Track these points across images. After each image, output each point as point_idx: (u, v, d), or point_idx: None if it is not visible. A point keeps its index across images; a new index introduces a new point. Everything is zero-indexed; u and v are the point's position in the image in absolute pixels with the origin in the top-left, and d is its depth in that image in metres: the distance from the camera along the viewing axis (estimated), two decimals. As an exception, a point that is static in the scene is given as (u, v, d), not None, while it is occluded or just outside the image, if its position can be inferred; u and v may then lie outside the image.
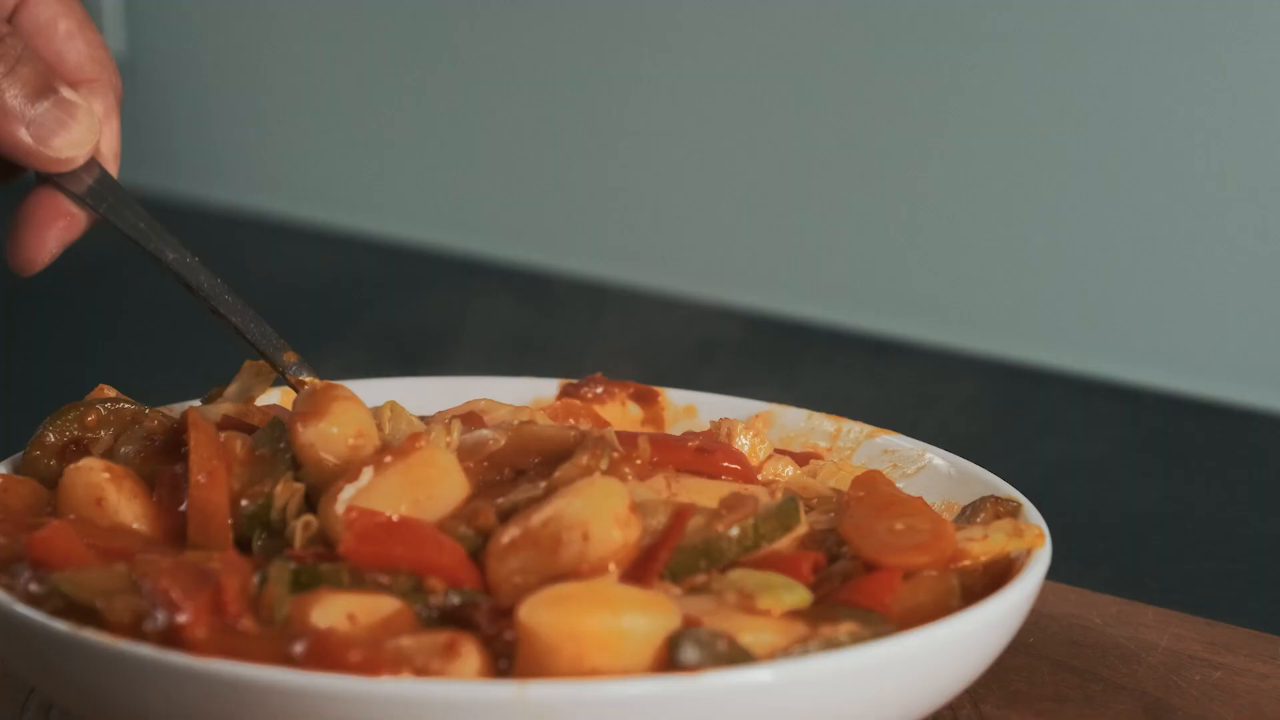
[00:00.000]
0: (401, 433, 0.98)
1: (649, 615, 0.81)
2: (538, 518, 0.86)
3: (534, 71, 1.93)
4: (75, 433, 1.00)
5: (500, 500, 0.90)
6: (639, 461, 0.95)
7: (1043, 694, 0.97)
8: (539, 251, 1.92)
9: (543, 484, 0.91)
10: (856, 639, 0.84)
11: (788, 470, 1.04)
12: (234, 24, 2.15)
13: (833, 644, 0.84)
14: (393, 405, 1.00)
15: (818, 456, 1.08)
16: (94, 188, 1.04)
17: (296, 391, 1.04)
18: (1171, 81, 1.56)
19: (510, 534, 0.86)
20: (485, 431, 0.96)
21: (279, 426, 0.96)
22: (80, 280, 1.88)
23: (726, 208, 1.83)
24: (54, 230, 1.03)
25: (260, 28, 2.13)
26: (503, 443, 0.95)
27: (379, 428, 0.97)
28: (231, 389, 1.05)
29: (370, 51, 2.06)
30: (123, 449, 0.98)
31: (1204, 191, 1.56)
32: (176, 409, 1.07)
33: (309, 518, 0.89)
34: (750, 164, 1.80)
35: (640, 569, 0.86)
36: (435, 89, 2.01)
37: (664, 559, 0.86)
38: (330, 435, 0.92)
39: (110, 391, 1.03)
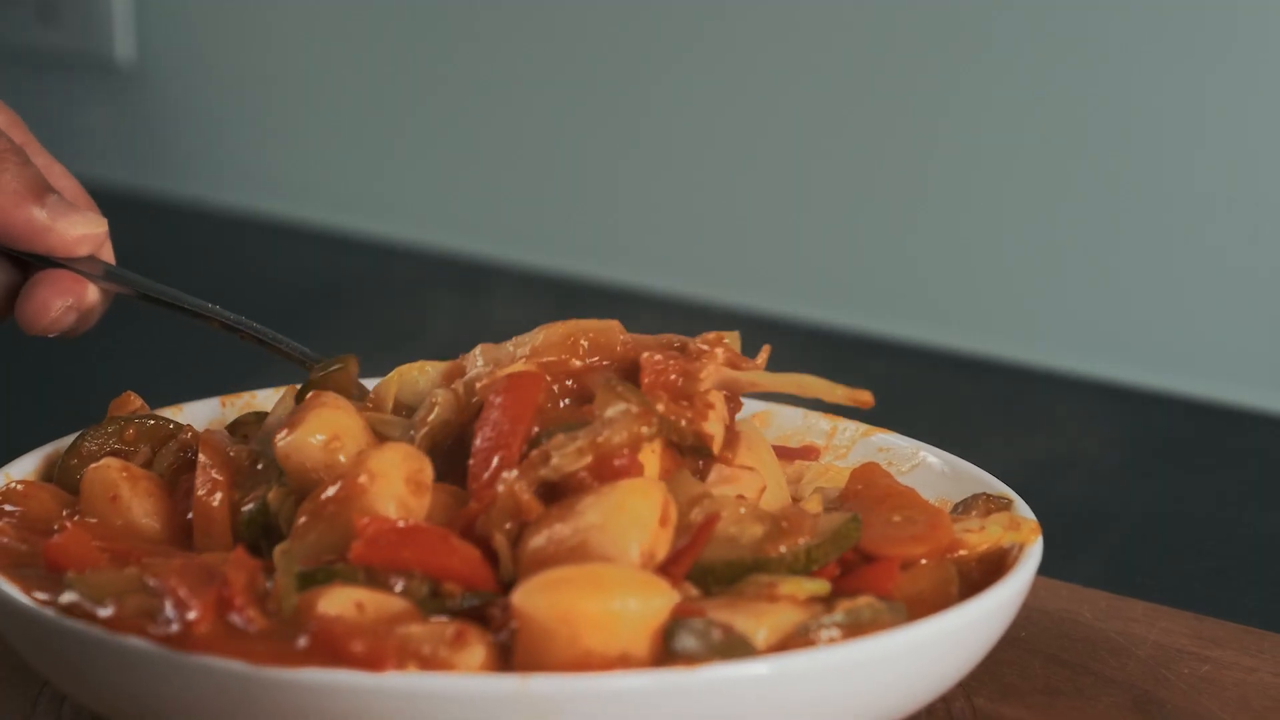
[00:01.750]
0: (420, 392, 0.98)
1: (641, 596, 0.82)
2: (568, 541, 0.86)
3: (533, 76, 1.94)
4: (114, 445, 1.02)
5: (543, 470, 0.89)
6: (675, 377, 0.95)
7: (1034, 687, 0.98)
8: (540, 253, 1.93)
9: (579, 446, 0.90)
10: (875, 611, 0.86)
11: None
12: (240, 31, 2.16)
13: (854, 613, 0.85)
14: (420, 366, 1.00)
15: (816, 452, 1.10)
16: (106, 271, 1.07)
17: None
18: (1165, 88, 1.57)
19: (540, 551, 0.87)
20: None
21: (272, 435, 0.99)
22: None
23: (724, 209, 1.83)
24: (59, 292, 1.05)
25: (265, 35, 2.14)
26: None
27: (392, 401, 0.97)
28: (271, 421, 1.05)
29: (372, 57, 2.06)
30: (159, 461, 1.01)
31: (1198, 195, 1.57)
32: (187, 408, 1.09)
33: (285, 546, 0.89)
34: (749, 166, 1.81)
35: (662, 575, 0.86)
36: (437, 93, 2.02)
37: (686, 566, 0.87)
38: (306, 443, 0.92)
39: (136, 399, 1.05)
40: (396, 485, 0.89)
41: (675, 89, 1.84)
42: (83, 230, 1.06)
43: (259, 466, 0.96)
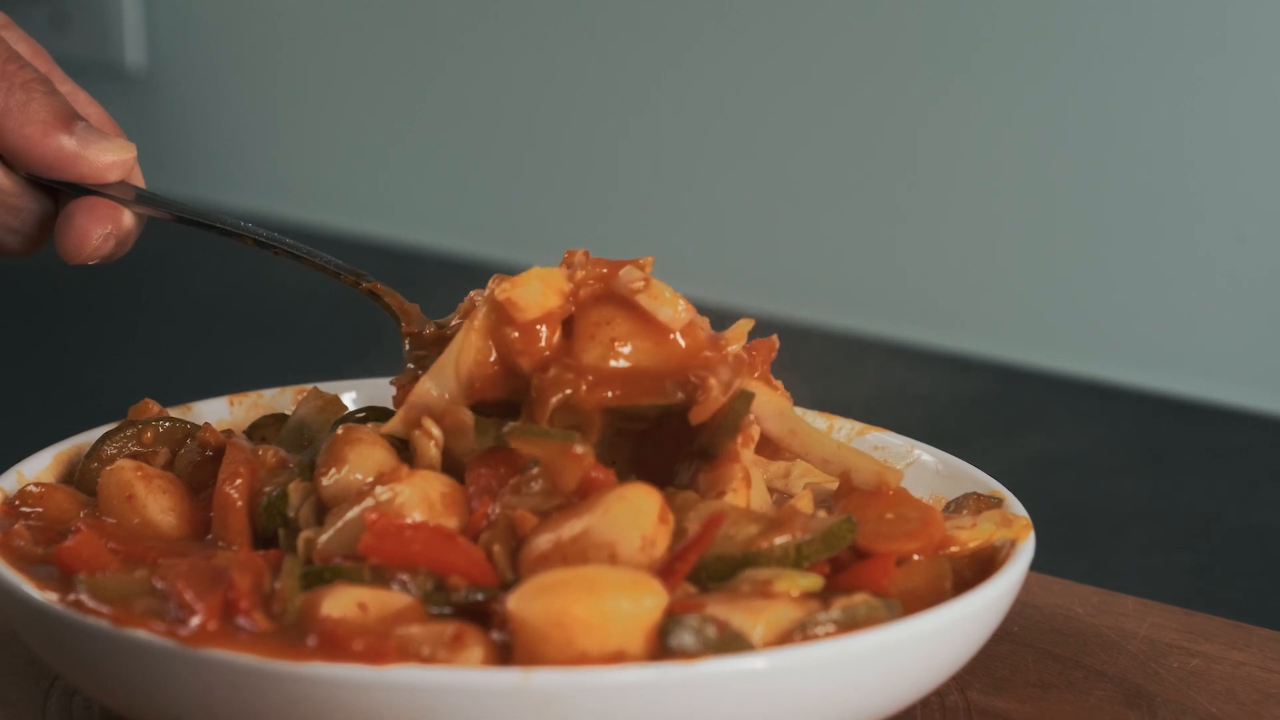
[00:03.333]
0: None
1: (632, 596, 0.83)
2: (568, 532, 0.87)
3: (536, 82, 1.95)
4: (133, 448, 1.03)
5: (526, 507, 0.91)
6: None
7: (1027, 680, 0.99)
8: (544, 255, 1.95)
9: (543, 494, 0.91)
10: (871, 608, 0.86)
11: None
12: (249, 38, 2.17)
13: (850, 610, 0.86)
14: (375, 439, 0.98)
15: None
16: (138, 195, 1.06)
17: (377, 301, 1.07)
18: (1153, 90, 1.57)
19: (541, 547, 0.87)
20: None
21: (302, 432, 1.00)
22: (98, 284, 1.90)
23: (719, 211, 1.84)
24: (97, 220, 1.04)
25: (274, 42, 2.15)
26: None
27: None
28: (292, 423, 1.06)
29: (379, 63, 2.08)
30: (179, 459, 1.02)
31: (1184, 198, 1.57)
32: (195, 408, 1.10)
33: (309, 534, 0.90)
34: (745, 168, 1.82)
35: (666, 573, 0.86)
36: (443, 98, 2.03)
37: (691, 562, 0.87)
38: (351, 481, 0.93)
39: (154, 406, 1.06)
40: (432, 493, 0.90)
41: (672, 94, 1.85)
42: (113, 156, 1.05)
43: (289, 467, 0.97)
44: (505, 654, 0.84)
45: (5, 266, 1.96)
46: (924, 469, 1.06)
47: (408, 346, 1.03)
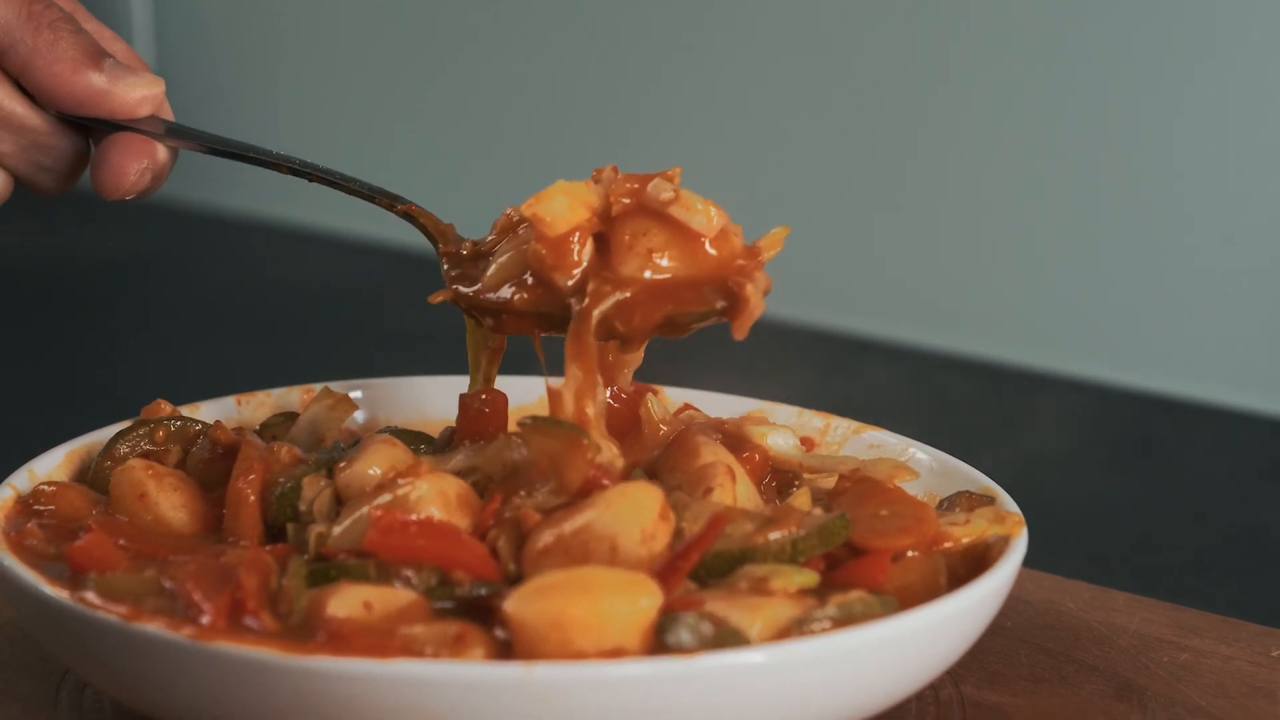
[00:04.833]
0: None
1: (627, 596, 0.83)
2: (570, 526, 0.88)
3: (536, 83, 1.96)
4: (145, 447, 1.04)
5: (533, 504, 0.92)
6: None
7: (1019, 674, 1.00)
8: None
9: (551, 492, 0.92)
10: (866, 605, 0.87)
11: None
12: (255, 42, 2.18)
13: (847, 607, 0.87)
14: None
15: (812, 444, 1.12)
16: (170, 128, 1.06)
17: (413, 223, 1.07)
18: (1148, 93, 1.58)
19: (544, 540, 0.88)
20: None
21: (313, 431, 1.02)
22: (103, 282, 1.91)
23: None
24: (133, 155, 1.04)
25: (280, 46, 2.16)
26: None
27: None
28: (303, 421, 1.07)
29: (385, 65, 2.08)
30: (191, 458, 1.03)
31: (1174, 201, 1.58)
32: (203, 407, 1.11)
33: (320, 529, 0.91)
34: (743, 168, 1.83)
35: (668, 571, 0.87)
36: (443, 99, 2.04)
37: (693, 560, 0.87)
38: (366, 474, 0.94)
39: (167, 406, 1.07)
40: (448, 490, 0.91)
41: (671, 95, 1.86)
42: (143, 91, 1.05)
43: (305, 463, 0.98)
44: (508, 651, 0.85)
45: (8, 268, 1.98)
46: (918, 467, 1.06)
47: (445, 266, 1.03)
